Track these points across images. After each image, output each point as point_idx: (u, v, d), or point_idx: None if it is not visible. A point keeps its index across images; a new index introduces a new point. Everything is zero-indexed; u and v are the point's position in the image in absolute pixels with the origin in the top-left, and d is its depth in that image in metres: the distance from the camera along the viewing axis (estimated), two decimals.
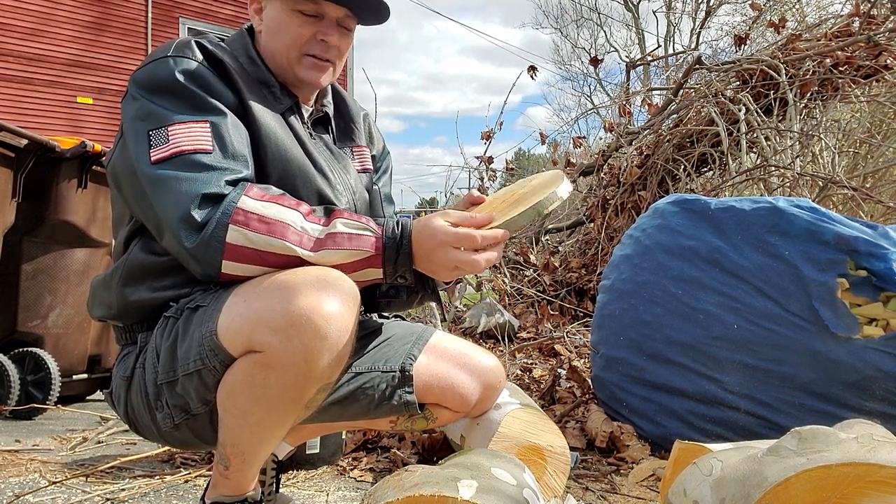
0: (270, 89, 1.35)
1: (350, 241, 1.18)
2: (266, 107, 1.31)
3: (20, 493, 1.73)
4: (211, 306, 1.18)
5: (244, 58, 1.36)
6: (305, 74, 1.35)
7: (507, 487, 1.08)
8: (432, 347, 1.47)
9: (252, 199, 1.16)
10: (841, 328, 1.82)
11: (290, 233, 1.15)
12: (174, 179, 1.16)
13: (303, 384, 1.13)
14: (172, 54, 1.26)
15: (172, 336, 1.21)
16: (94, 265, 3.09)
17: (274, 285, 1.12)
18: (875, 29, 3.99)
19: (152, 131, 1.20)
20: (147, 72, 1.26)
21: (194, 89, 1.23)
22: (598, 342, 2.33)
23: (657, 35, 29.60)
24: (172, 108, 1.22)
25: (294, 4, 1.32)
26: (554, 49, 44.69)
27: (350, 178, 1.42)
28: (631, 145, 4.63)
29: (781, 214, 1.93)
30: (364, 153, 1.53)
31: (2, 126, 2.64)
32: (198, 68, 1.25)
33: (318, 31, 1.34)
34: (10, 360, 2.81)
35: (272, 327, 1.09)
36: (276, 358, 1.10)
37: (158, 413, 1.24)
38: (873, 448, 0.97)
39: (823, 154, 3.87)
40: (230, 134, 1.21)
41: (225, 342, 1.14)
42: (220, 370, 1.16)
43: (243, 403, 1.15)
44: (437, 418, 1.49)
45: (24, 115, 10.17)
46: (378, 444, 2.16)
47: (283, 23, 1.33)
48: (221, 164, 1.18)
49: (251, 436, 1.19)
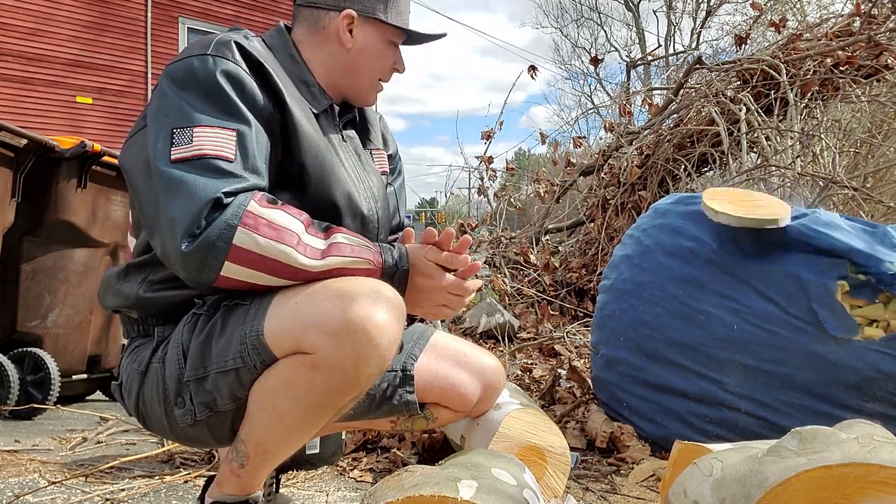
0: (310, 89, 1.36)
1: (352, 250, 1.19)
2: (305, 107, 1.33)
3: (20, 493, 1.73)
4: (254, 305, 1.17)
5: (284, 55, 1.36)
6: (372, 97, 1.45)
7: (508, 487, 1.08)
8: (433, 347, 1.47)
9: (260, 205, 1.15)
10: (839, 330, 1.82)
11: (295, 242, 1.14)
12: (190, 181, 1.13)
13: (346, 389, 1.14)
14: (212, 53, 1.23)
15: (206, 332, 1.20)
16: (94, 265, 3.09)
17: (329, 291, 1.13)
18: (876, 29, 3.98)
19: (177, 129, 1.17)
20: (182, 67, 1.23)
21: (229, 93, 1.20)
22: (598, 342, 2.33)
23: (657, 35, 29.65)
24: (202, 108, 1.19)
25: (391, 35, 1.40)
26: (554, 48, 44.73)
27: (374, 186, 1.43)
28: (631, 145, 4.63)
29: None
30: (382, 155, 1.55)
31: (2, 126, 2.64)
32: (236, 70, 1.22)
33: (396, 60, 1.44)
34: (9, 360, 2.81)
35: (327, 331, 1.10)
36: (326, 361, 1.11)
37: (178, 409, 1.23)
38: (874, 448, 0.97)
39: (824, 154, 3.86)
40: (254, 146, 1.20)
41: (272, 342, 1.14)
42: (260, 369, 1.16)
43: (283, 403, 1.16)
44: (437, 418, 1.50)
45: (24, 115, 10.17)
46: (378, 445, 2.15)
47: (378, 51, 1.40)
48: (240, 173, 1.17)
49: (282, 436, 1.19)
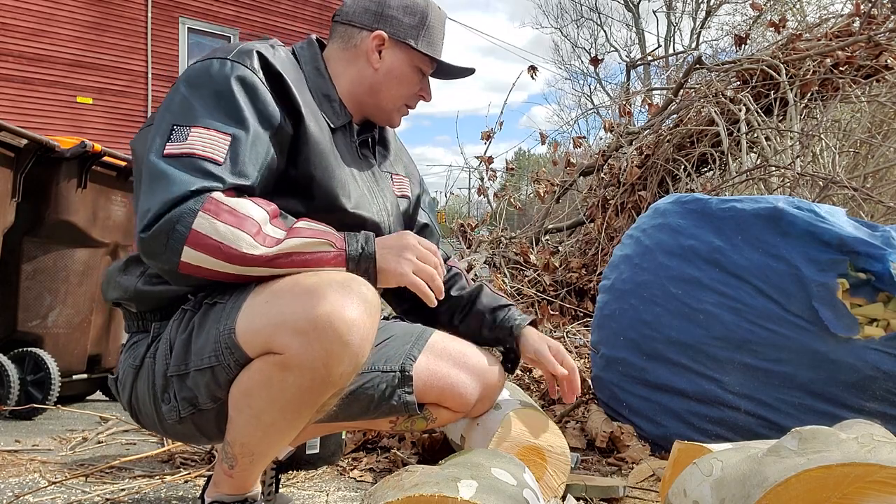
0: (331, 103, 1.39)
1: (312, 232, 1.19)
2: (323, 119, 1.35)
3: (20, 493, 1.73)
4: (229, 304, 1.18)
5: (311, 67, 1.40)
6: (396, 119, 1.50)
7: (508, 487, 1.08)
8: (432, 347, 1.47)
9: (225, 194, 1.16)
10: (840, 329, 1.82)
11: (255, 231, 1.14)
12: (172, 175, 1.15)
13: (319, 388, 1.13)
14: (232, 58, 1.26)
15: (188, 330, 1.21)
16: (94, 265, 3.09)
17: (298, 288, 1.12)
18: (875, 29, 3.98)
19: (176, 126, 1.20)
20: (201, 68, 1.26)
21: (238, 98, 1.23)
22: (598, 342, 2.33)
23: (657, 35, 29.66)
24: (207, 110, 1.21)
25: (419, 62, 1.45)
26: (554, 49, 44.73)
27: (387, 201, 1.47)
28: (631, 145, 4.62)
29: (782, 214, 1.93)
30: (402, 181, 1.58)
31: (2, 126, 2.64)
32: (252, 78, 1.25)
33: (422, 88, 1.48)
34: (9, 359, 2.81)
35: (295, 329, 1.09)
36: (295, 360, 1.10)
37: (164, 405, 1.24)
38: (873, 448, 0.97)
39: (824, 154, 3.86)
40: (246, 152, 1.21)
41: (243, 341, 1.14)
42: (235, 369, 1.16)
43: (258, 404, 1.16)
44: (436, 418, 1.50)
45: (25, 115, 10.17)
46: (378, 445, 2.15)
47: (404, 74, 1.44)
48: (224, 176, 1.18)
49: (262, 436, 1.19)
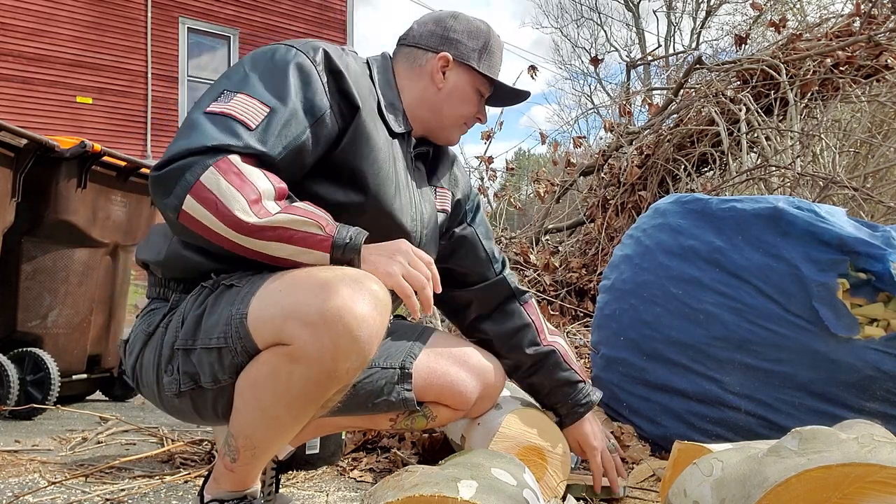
0: (395, 112, 1.44)
1: (304, 212, 1.18)
2: (381, 122, 1.39)
3: (20, 493, 1.73)
4: (245, 289, 1.19)
5: (383, 77, 1.45)
6: (455, 137, 1.55)
7: (508, 487, 1.08)
8: (432, 346, 1.48)
9: (242, 160, 1.17)
10: (841, 329, 1.82)
11: (254, 198, 1.15)
12: (203, 128, 1.18)
13: (325, 382, 1.14)
14: (297, 47, 1.31)
15: (203, 307, 1.22)
16: (93, 265, 3.09)
17: (312, 280, 1.13)
18: (876, 29, 3.98)
19: (226, 91, 1.25)
20: (267, 50, 1.33)
21: (290, 79, 1.27)
22: (598, 342, 2.33)
23: (657, 35, 29.64)
24: (258, 83, 1.26)
25: (479, 85, 1.51)
26: (554, 49, 44.74)
27: (425, 212, 1.49)
28: (631, 145, 4.62)
29: (782, 214, 1.93)
30: (445, 195, 1.60)
31: (2, 126, 2.64)
32: (310, 67, 1.30)
33: (479, 109, 1.55)
34: (9, 359, 2.81)
35: (305, 321, 1.10)
36: (303, 352, 1.11)
37: (167, 376, 1.24)
38: (874, 448, 0.97)
39: (824, 154, 3.86)
40: (279, 127, 1.23)
41: (253, 328, 1.15)
42: (241, 353, 1.17)
43: (265, 395, 1.16)
44: (436, 417, 1.50)
45: (25, 115, 10.18)
46: (378, 445, 2.15)
47: (465, 95, 1.50)
48: (249, 140, 1.19)
49: (267, 430, 1.20)
